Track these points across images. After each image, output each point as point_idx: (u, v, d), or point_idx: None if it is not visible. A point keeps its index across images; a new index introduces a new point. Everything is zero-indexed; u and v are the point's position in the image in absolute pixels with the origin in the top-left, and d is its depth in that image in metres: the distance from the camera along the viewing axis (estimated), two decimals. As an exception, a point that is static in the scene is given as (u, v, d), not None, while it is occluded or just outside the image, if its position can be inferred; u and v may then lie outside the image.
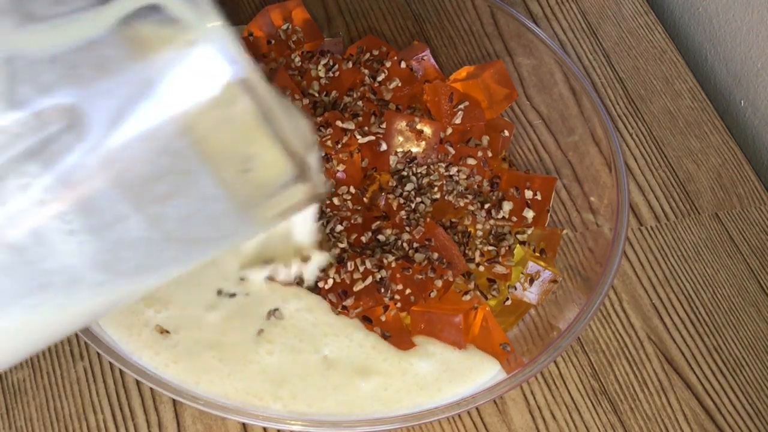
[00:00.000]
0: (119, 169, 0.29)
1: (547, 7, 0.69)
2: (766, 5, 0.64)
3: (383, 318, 0.48)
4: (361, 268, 0.49)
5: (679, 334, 0.54)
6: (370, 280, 0.48)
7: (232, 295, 0.48)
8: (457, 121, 0.55)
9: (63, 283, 0.30)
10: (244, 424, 0.48)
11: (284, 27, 0.59)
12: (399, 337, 0.48)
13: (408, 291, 0.49)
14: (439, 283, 0.49)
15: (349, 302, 0.48)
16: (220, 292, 0.48)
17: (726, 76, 0.70)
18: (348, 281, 0.48)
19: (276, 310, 0.48)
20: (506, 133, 0.57)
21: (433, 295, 0.49)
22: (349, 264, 0.49)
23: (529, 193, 0.54)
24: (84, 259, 0.30)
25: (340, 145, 0.52)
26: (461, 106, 0.56)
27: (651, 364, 0.52)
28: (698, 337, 0.54)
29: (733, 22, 0.68)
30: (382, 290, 0.48)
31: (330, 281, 0.49)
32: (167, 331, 0.47)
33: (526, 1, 0.69)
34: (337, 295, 0.48)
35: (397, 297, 0.48)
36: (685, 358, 0.53)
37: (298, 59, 0.57)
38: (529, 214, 0.54)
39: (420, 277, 0.49)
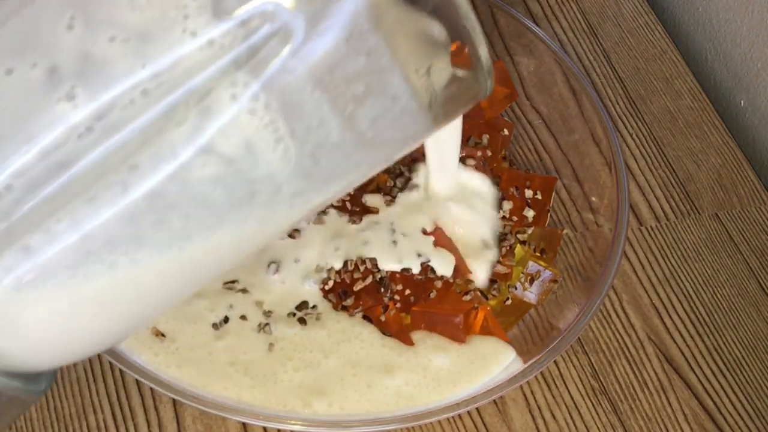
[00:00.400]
0: (322, 71, 0.29)
1: (547, 7, 0.69)
2: (766, 5, 0.64)
3: (383, 318, 0.48)
4: (362, 268, 0.49)
5: (679, 334, 0.54)
6: (370, 279, 0.48)
7: (226, 320, 0.47)
8: None
9: (267, 193, 0.31)
10: (244, 424, 0.48)
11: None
12: (399, 337, 0.48)
13: (408, 291, 0.49)
14: (439, 283, 0.49)
15: (349, 302, 0.48)
16: (215, 325, 0.47)
17: (726, 76, 0.70)
18: (348, 281, 0.48)
19: (267, 324, 0.47)
20: (506, 132, 0.57)
21: (433, 295, 0.49)
22: (349, 263, 0.49)
23: (529, 193, 0.54)
24: (287, 166, 0.30)
25: None
26: None
27: (651, 364, 0.52)
28: (698, 337, 0.54)
29: (733, 22, 0.68)
30: (382, 290, 0.48)
31: (330, 282, 0.49)
32: (162, 335, 0.46)
33: (526, 1, 0.69)
34: (337, 295, 0.48)
35: (396, 297, 0.48)
36: (685, 358, 0.53)
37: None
38: (530, 213, 0.54)
39: (420, 277, 0.49)
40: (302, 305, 0.48)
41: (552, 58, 0.57)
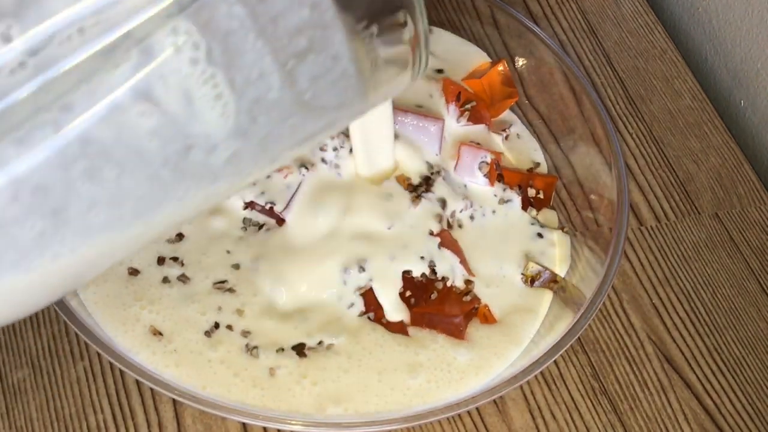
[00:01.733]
0: (265, 20, 0.29)
1: (547, 7, 0.69)
2: (766, 5, 0.64)
3: (385, 321, 0.48)
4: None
5: (679, 334, 0.54)
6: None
7: (217, 326, 0.47)
8: (464, 121, 0.55)
9: (203, 150, 0.30)
10: (244, 424, 0.48)
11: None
12: (401, 332, 0.48)
13: (408, 293, 0.48)
14: (439, 284, 0.49)
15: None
16: (207, 333, 0.46)
17: (726, 76, 0.70)
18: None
19: (255, 348, 0.46)
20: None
21: (434, 296, 0.49)
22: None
23: (531, 192, 0.54)
24: (225, 123, 0.30)
25: (342, 147, 0.52)
26: (468, 106, 0.55)
27: (651, 364, 0.52)
28: (698, 337, 0.54)
29: (733, 22, 0.68)
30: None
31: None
32: (160, 333, 0.46)
33: (526, 1, 0.69)
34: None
35: (398, 298, 0.48)
36: (685, 358, 0.53)
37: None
38: (532, 213, 0.53)
39: (420, 279, 0.49)
40: (299, 345, 0.47)
41: (552, 58, 0.57)
